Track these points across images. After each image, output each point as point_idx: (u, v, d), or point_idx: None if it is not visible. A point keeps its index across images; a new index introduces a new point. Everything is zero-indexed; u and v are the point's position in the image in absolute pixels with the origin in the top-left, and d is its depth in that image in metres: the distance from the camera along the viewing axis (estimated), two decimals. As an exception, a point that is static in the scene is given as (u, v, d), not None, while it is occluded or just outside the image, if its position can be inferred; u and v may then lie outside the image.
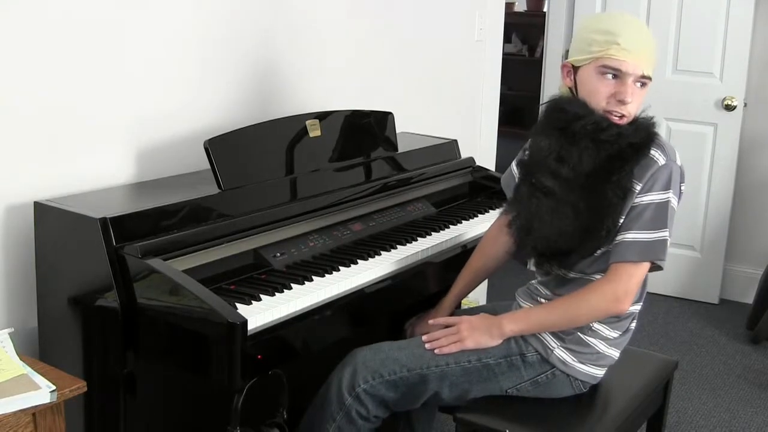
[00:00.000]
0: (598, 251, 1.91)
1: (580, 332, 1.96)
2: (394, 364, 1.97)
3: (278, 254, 2.07)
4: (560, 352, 1.96)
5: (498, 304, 2.32)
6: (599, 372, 2.02)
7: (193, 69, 2.35)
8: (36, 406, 1.54)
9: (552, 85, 4.43)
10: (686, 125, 4.14)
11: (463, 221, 2.56)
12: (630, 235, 1.87)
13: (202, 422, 2.10)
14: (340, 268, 2.07)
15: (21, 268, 2.00)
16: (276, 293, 1.89)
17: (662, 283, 4.31)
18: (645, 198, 1.87)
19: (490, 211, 2.67)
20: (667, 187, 1.87)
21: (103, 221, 1.79)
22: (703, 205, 4.16)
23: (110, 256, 1.78)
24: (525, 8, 6.62)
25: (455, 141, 2.91)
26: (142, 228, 1.84)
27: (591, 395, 2.06)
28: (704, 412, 3.13)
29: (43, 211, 1.93)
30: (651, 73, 1.87)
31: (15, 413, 1.52)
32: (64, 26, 2.01)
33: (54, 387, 1.57)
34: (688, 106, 4.11)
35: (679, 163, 1.90)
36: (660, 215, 1.87)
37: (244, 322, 1.66)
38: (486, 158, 3.77)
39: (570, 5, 4.36)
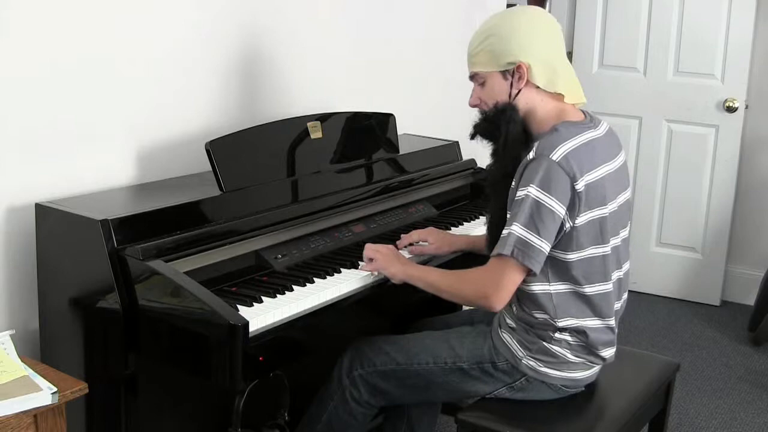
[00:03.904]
0: None
1: (544, 341, 1.95)
2: (386, 357, 2.07)
3: (279, 256, 2.07)
4: (528, 361, 1.97)
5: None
6: (578, 375, 2.00)
7: (194, 71, 2.35)
8: (37, 407, 1.54)
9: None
10: (687, 127, 4.14)
11: (464, 223, 2.56)
12: (505, 230, 1.86)
13: (204, 424, 2.10)
14: (342, 269, 2.07)
15: (22, 270, 2.00)
16: (277, 295, 1.89)
17: (663, 285, 4.31)
18: (518, 193, 1.86)
19: (492, 212, 2.66)
20: (528, 182, 1.82)
21: (105, 223, 1.79)
22: (705, 206, 4.16)
23: (111, 257, 1.78)
24: (526, 10, 6.62)
25: (456, 143, 2.91)
26: (143, 230, 1.84)
27: (593, 397, 2.06)
28: (705, 413, 3.13)
29: (44, 213, 1.93)
30: (477, 69, 1.99)
31: (16, 415, 1.52)
32: (65, 28, 2.01)
33: (55, 388, 1.57)
34: (689, 108, 4.10)
35: (555, 158, 1.81)
36: (526, 212, 1.82)
37: (246, 324, 1.66)
38: (487, 160, 3.76)
39: (571, 6, 4.36)
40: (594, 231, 1.88)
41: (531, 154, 1.86)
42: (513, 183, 1.91)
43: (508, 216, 1.88)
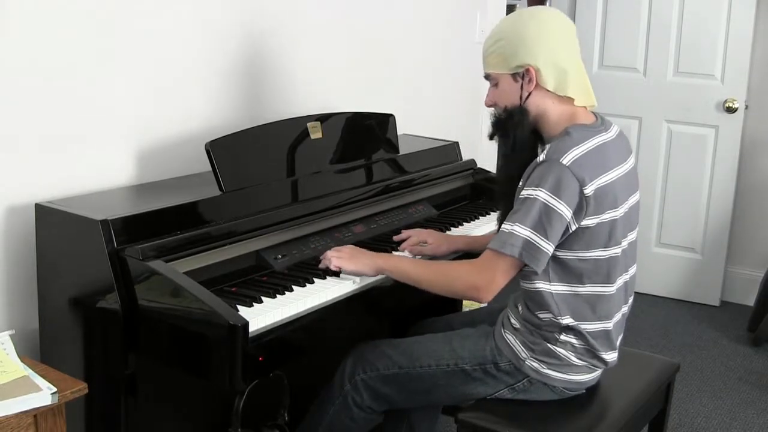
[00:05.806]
0: None
1: (549, 343, 1.95)
2: (388, 360, 2.07)
3: (279, 256, 2.07)
4: (531, 362, 1.97)
5: (497, 307, 2.32)
6: (580, 377, 2.00)
7: (194, 71, 2.35)
8: (37, 407, 1.54)
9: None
10: (687, 127, 4.14)
11: (464, 223, 2.56)
12: (505, 226, 1.87)
13: (204, 424, 2.10)
14: (342, 270, 2.07)
15: (22, 270, 2.00)
16: (277, 295, 1.89)
17: (663, 285, 4.31)
18: (524, 192, 1.86)
19: (491, 213, 2.66)
20: (537, 184, 1.82)
21: (105, 223, 1.79)
22: (704, 207, 4.16)
23: (111, 257, 1.78)
24: (526, 10, 6.62)
25: (456, 143, 2.91)
26: (143, 230, 1.84)
27: (593, 397, 2.06)
28: (705, 414, 3.13)
29: (44, 213, 1.93)
30: (490, 71, 2.00)
31: (16, 415, 1.52)
32: (67, 27, 2.01)
33: (55, 389, 1.57)
34: (689, 108, 4.11)
35: (566, 162, 1.81)
36: (534, 214, 1.82)
37: (245, 324, 1.66)
38: (487, 160, 3.77)
39: (571, 7, 4.36)
40: (603, 233, 1.88)
41: (542, 157, 1.86)
42: (520, 183, 1.91)
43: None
